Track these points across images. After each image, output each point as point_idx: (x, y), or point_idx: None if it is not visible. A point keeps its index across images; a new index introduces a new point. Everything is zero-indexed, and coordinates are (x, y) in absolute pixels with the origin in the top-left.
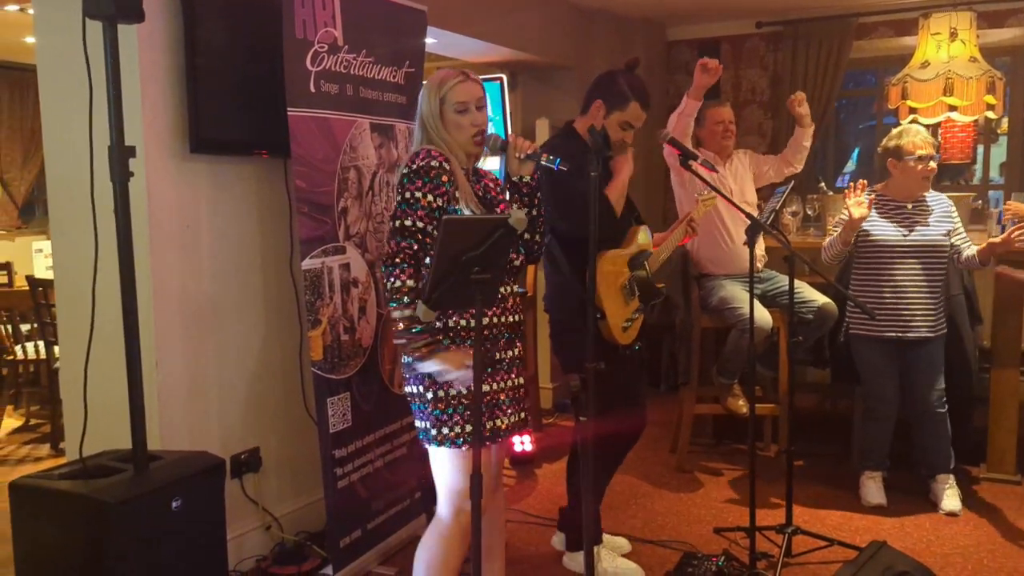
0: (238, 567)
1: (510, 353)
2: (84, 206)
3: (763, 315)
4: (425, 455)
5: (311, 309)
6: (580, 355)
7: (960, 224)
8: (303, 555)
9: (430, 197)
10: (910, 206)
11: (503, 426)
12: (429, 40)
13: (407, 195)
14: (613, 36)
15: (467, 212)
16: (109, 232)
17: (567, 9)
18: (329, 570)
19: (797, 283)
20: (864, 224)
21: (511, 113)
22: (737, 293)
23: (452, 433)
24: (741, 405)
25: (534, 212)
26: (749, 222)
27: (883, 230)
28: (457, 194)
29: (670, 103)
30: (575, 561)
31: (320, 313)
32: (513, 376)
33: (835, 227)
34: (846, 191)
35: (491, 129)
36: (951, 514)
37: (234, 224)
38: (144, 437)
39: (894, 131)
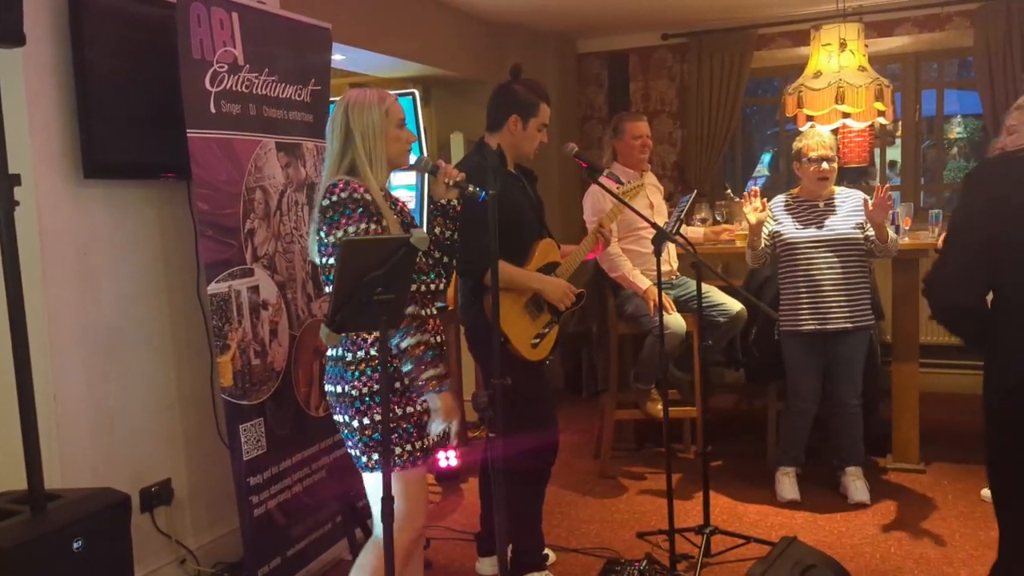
0: None
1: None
2: None
3: (677, 320)
4: (344, 478)
5: (219, 334)
6: (490, 369)
7: None
8: None
9: (374, 227)
10: (822, 204)
11: (429, 444)
12: (336, 57)
13: (349, 228)
14: (525, 49)
15: None
16: None
17: (477, 24)
18: None
19: (707, 287)
20: (775, 226)
21: (425, 128)
22: None
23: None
24: (659, 409)
25: (455, 235)
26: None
27: (794, 229)
28: (384, 223)
29: (582, 114)
30: (484, 565)
31: (229, 338)
32: None
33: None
34: (742, 200)
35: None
36: (860, 505)
37: (135, 250)
38: (40, 476)
39: (800, 134)
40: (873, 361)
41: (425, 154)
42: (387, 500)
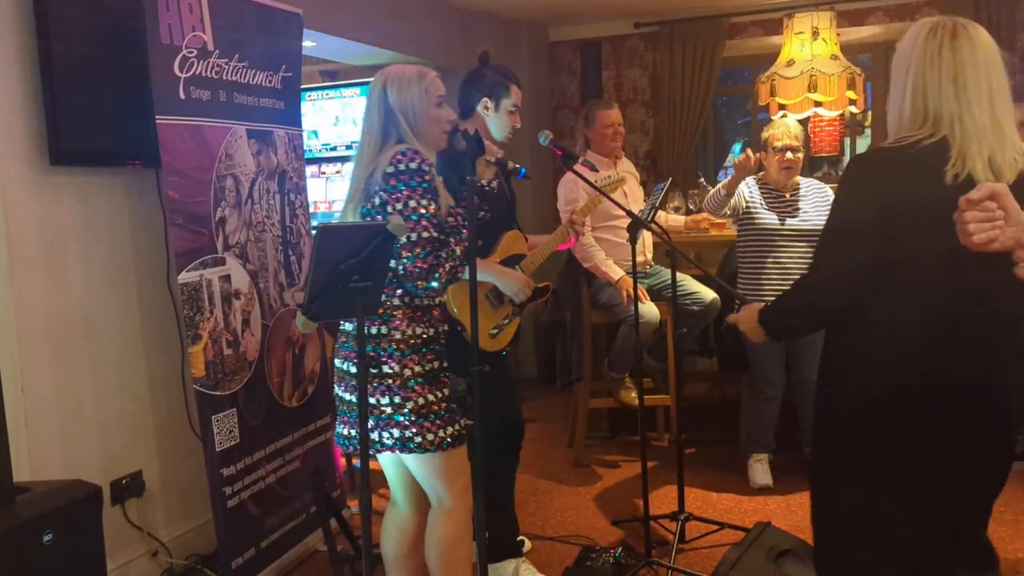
0: None
1: None
2: None
3: (650, 309)
4: (319, 469)
5: (190, 324)
6: (459, 358)
7: None
8: None
9: (433, 206)
10: (788, 194)
11: (464, 427)
12: (307, 43)
13: (410, 203)
14: (497, 38)
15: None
16: None
17: (449, 12)
18: None
19: (681, 276)
20: (749, 209)
21: None
22: None
23: (436, 437)
24: (633, 397)
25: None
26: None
27: (765, 216)
28: (439, 200)
29: (554, 103)
30: (497, 574)
31: (200, 328)
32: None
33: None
34: (736, 160)
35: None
36: None
37: (104, 239)
38: (9, 469)
39: (769, 124)
40: None
41: None
42: (364, 470)
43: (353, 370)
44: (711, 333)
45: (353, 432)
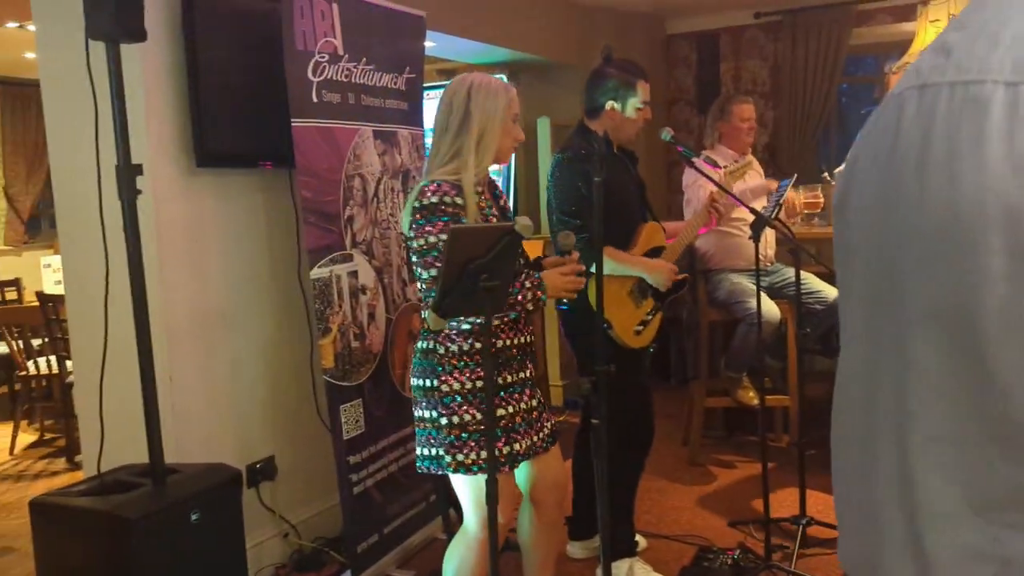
0: (257, 575)
1: (522, 375)
2: (93, 223)
3: (770, 308)
4: None
5: (321, 317)
6: (591, 357)
7: None
8: (321, 561)
9: (444, 236)
10: None
11: (520, 450)
12: (428, 44)
13: (429, 239)
14: (613, 32)
15: None
16: (119, 248)
17: (566, 7)
18: (348, 575)
19: (804, 274)
20: None
21: None
22: (743, 287)
23: (468, 460)
24: (751, 396)
25: None
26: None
27: None
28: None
29: (670, 96)
30: (575, 548)
31: (330, 321)
32: (527, 398)
33: None
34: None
35: None
36: None
37: (241, 236)
38: (161, 451)
39: None
40: None
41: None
42: (492, 499)
43: (413, 382)
44: (834, 332)
45: (423, 451)
